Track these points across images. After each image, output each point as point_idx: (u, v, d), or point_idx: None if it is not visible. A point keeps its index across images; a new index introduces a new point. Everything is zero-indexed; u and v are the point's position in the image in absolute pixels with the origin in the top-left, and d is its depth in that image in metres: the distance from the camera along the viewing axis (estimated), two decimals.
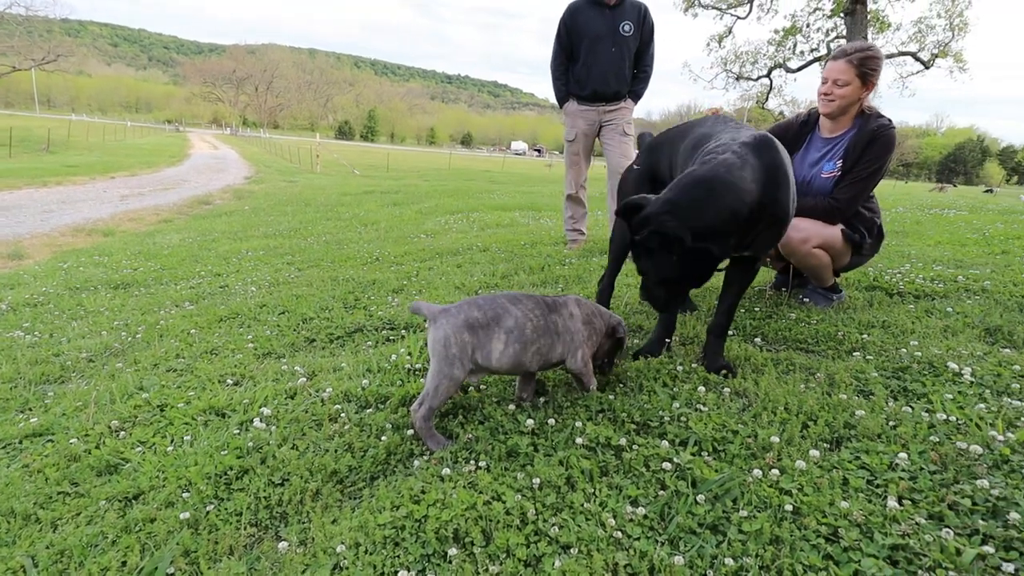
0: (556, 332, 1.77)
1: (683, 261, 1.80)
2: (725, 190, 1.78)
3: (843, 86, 2.59)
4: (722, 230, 1.79)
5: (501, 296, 1.76)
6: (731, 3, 23.08)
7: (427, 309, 1.72)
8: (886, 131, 2.61)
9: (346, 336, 2.77)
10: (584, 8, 4.32)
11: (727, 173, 1.79)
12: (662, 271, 1.86)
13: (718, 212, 1.77)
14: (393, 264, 4.31)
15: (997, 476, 1.39)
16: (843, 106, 2.64)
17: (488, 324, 1.68)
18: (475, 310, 1.69)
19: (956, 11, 20.63)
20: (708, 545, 1.22)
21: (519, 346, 1.70)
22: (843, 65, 2.58)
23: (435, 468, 1.55)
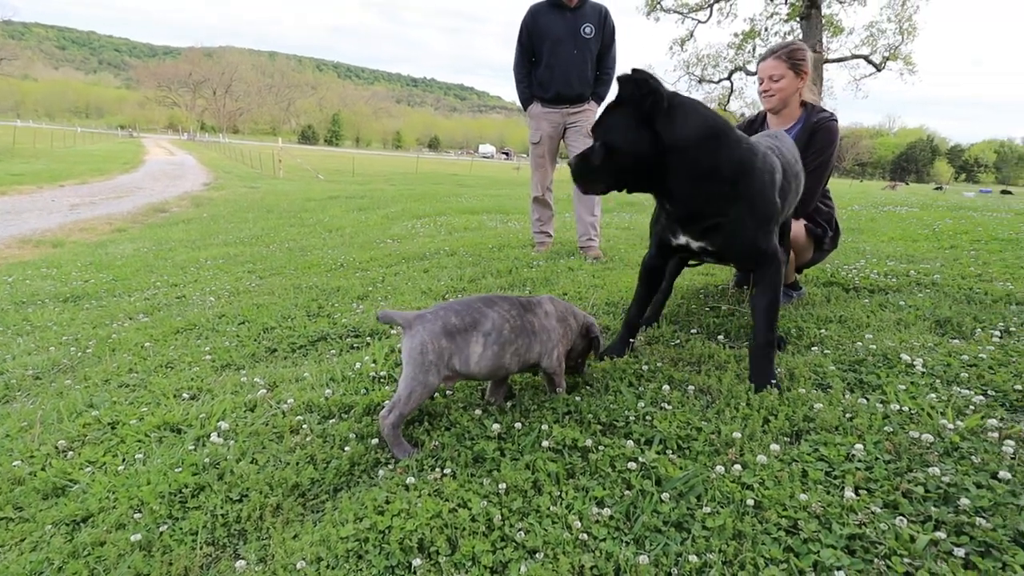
0: (533, 332, 1.77)
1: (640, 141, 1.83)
2: (722, 134, 1.87)
3: (778, 80, 2.72)
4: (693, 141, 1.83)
5: (476, 299, 1.74)
6: (692, 7, 23.61)
7: (400, 316, 1.68)
8: (826, 123, 2.71)
9: (309, 345, 2.71)
10: (545, 11, 4.34)
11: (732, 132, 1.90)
12: (612, 132, 1.87)
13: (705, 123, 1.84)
14: (358, 270, 4.24)
15: (948, 463, 1.44)
16: (783, 98, 2.76)
17: (466, 329, 1.67)
18: (452, 315, 1.67)
19: (905, 16, 21.58)
20: (673, 543, 1.22)
21: (497, 348, 1.69)
22: (774, 61, 2.72)
23: (400, 477, 1.52)
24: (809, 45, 14.38)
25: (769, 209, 1.96)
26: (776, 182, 1.97)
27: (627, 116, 1.83)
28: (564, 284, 3.50)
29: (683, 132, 1.81)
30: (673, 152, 1.83)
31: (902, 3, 21.19)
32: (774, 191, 1.96)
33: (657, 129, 1.81)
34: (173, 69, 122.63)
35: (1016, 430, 1.58)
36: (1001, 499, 1.30)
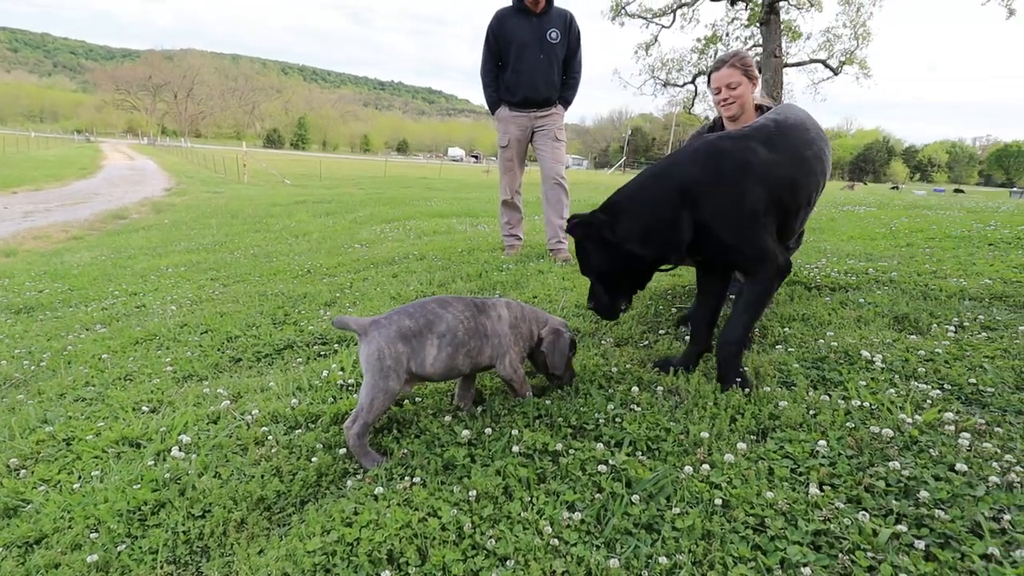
0: (485, 334, 1.77)
1: (611, 259, 1.91)
2: (658, 186, 1.88)
3: (736, 87, 2.79)
4: (652, 229, 1.85)
5: (430, 301, 1.75)
6: (656, 13, 24.00)
7: (355, 323, 1.67)
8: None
9: (275, 354, 2.65)
10: (511, 16, 4.35)
11: (666, 168, 1.92)
12: (595, 266, 1.98)
13: (651, 210, 1.86)
14: (325, 276, 4.17)
15: (908, 457, 1.48)
16: (743, 104, 2.84)
17: (421, 331, 1.68)
18: (407, 319, 1.67)
19: (859, 21, 22.35)
20: (643, 545, 1.23)
21: (451, 349, 1.70)
22: (728, 70, 2.80)
23: (368, 487, 1.49)
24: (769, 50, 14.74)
25: (744, 215, 1.90)
26: (747, 187, 1.90)
27: (594, 248, 1.97)
28: (534, 287, 3.51)
29: (626, 230, 1.90)
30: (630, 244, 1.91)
31: (856, 9, 21.95)
32: (745, 199, 1.89)
33: (611, 240, 1.92)
34: (132, 72, 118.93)
35: (971, 423, 1.64)
36: (959, 491, 1.34)
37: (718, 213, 1.85)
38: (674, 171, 1.91)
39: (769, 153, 1.92)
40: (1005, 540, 1.19)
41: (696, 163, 1.89)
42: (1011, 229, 4.97)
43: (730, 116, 2.89)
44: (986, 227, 5.21)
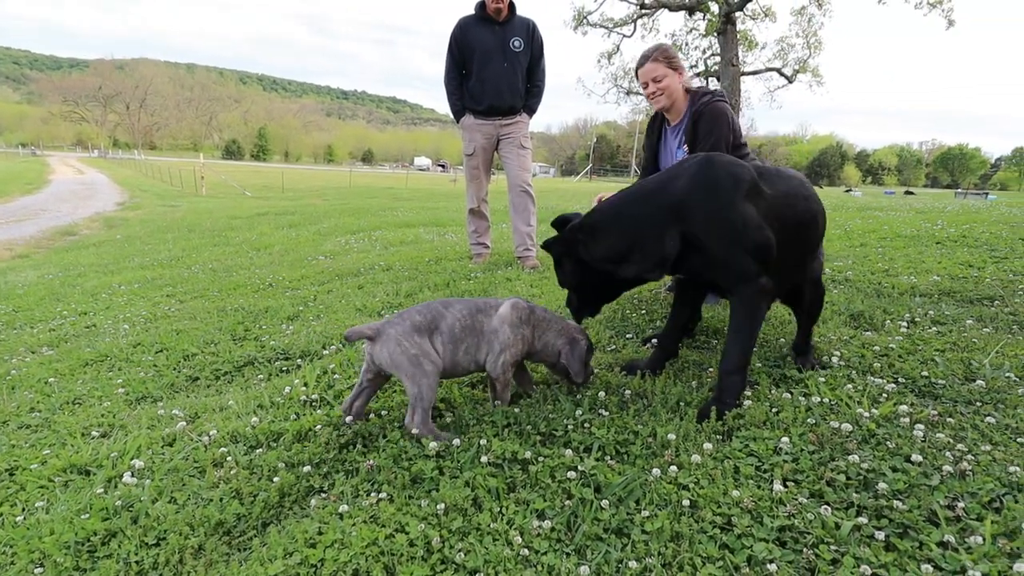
0: (481, 332, 1.83)
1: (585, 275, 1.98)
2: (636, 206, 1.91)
3: (661, 79, 2.85)
4: (633, 250, 1.87)
5: (436, 302, 1.85)
6: (617, 22, 24.47)
7: (368, 329, 1.76)
8: (709, 104, 2.81)
9: (234, 371, 2.56)
10: (474, 24, 4.36)
11: (645, 187, 1.94)
12: (570, 278, 2.06)
13: (634, 231, 1.88)
14: (288, 289, 4.07)
15: (866, 450, 1.52)
16: (671, 95, 2.89)
17: (429, 327, 1.78)
18: (417, 315, 1.78)
19: (811, 31, 23.27)
20: (613, 550, 1.22)
21: (452, 346, 1.78)
22: (652, 64, 2.85)
23: (333, 505, 1.45)
24: (726, 59, 15.18)
25: (734, 227, 1.81)
26: (738, 200, 1.82)
27: (570, 264, 2.02)
28: (502, 295, 3.49)
29: (603, 251, 1.93)
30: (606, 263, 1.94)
31: (807, 20, 22.85)
32: (736, 210, 1.81)
33: (584, 257, 1.97)
34: (80, 82, 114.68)
35: (925, 414, 1.70)
36: (915, 481, 1.38)
37: (709, 224, 1.80)
38: (667, 187, 1.87)
39: (761, 180, 1.89)
40: (960, 527, 1.23)
41: (690, 176, 1.85)
42: (956, 228, 5.20)
43: (661, 108, 2.97)
44: (934, 226, 5.45)
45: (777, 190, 1.92)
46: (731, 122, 2.83)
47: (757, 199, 1.84)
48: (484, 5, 4.28)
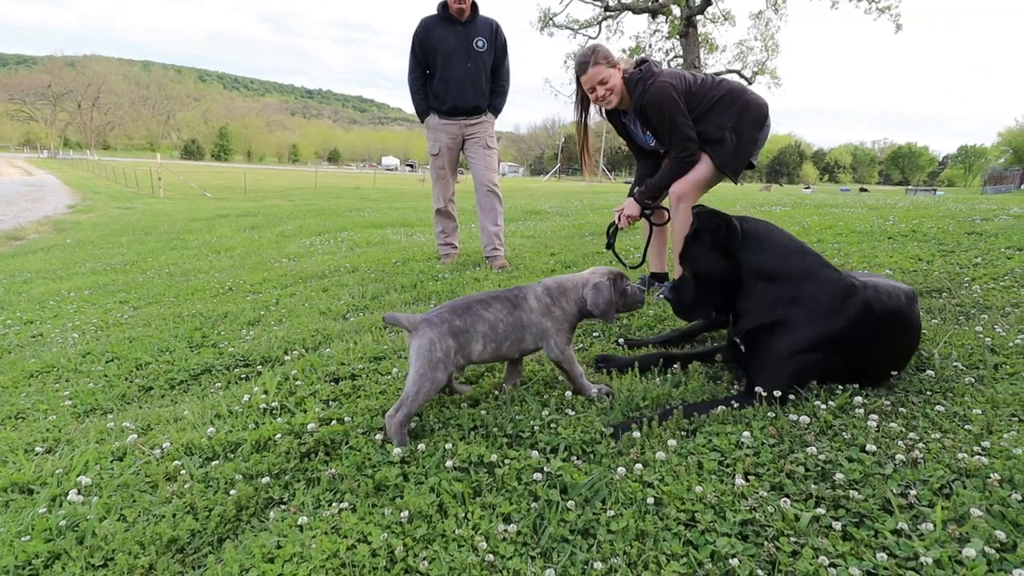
0: (523, 326, 1.88)
1: (719, 266, 1.94)
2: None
3: (607, 81, 2.90)
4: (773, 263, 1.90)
5: (474, 303, 1.85)
6: (582, 24, 24.67)
7: (405, 319, 1.79)
8: (647, 94, 2.86)
9: (191, 379, 2.48)
10: (436, 24, 4.32)
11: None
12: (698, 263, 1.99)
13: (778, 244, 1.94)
14: (249, 293, 3.96)
15: (823, 441, 1.56)
16: (618, 92, 2.96)
17: (468, 330, 1.80)
18: (456, 319, 1.79)
19: (769, 35, 23.93)
20: (580, 551, 1.22)
21: (495, 345, 1.84)
22: (595, 69, 2.90)
23: (293, 517, 1.41)
24: (689, 61, 15.46)
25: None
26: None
27: (705, 248, 1.97)
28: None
29: (767, 256, 1.92)
30: (749, 273, 1.92)
31: (765, 24, 23.48)
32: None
33: (737, 256, 1.92)
34: (28, 80, 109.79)
35: (878, 404, 1.75)
36: (870, 470, 1.42)
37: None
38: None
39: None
40: (912, 514, 1.26)
41: (838, 309, 1.85)
42: (907, 223, 5.40)
43: (611, 108, 3.02)
44: (886, 222, 5.65)
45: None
46: (679, 93, 2.86)
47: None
48: (446, 5, 4.25)
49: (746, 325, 1.93)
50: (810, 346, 1.81)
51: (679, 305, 2.07)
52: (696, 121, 2.92)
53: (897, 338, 1.93)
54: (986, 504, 1.26)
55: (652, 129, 3.00)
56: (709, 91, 2.94)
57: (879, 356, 1.91)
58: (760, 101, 3.02)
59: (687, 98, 2.89)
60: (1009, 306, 2.72)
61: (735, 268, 1.92)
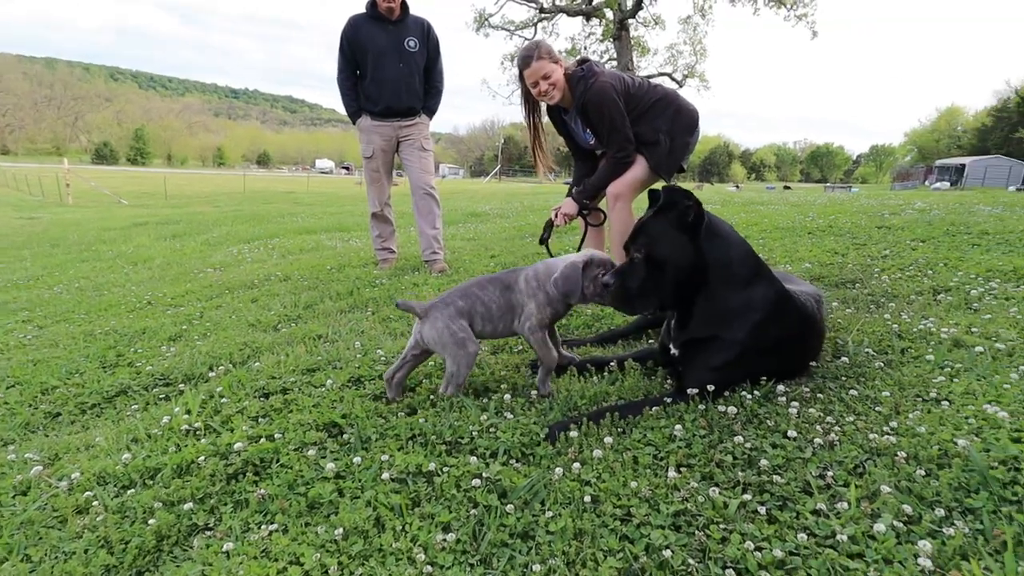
0: (513, 307, 2.02)
1: (684, 252, 1.81)
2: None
3: (551, 75, 2.94)
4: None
5: (473, 286, 2.04)
6: (518, 25, 24.88)
7: (417, 306, 2.00)
8: (588, 92, 2.93)
9: (104, 402, 2.30)
10: (365, 23, 4.22)
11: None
12: (659, 245, 1.82)
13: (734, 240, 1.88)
14: (170, 307, 3.74)
15: (750, 430, 1.63)
16: (560, 88, 2.99)
17: (469, 310, 1.99)
18: (460, 300, 1.99)
19: (697, 39, 24.97)
20: (519, 554, 1.22)
21: (491, 325, 2.02)
22: (538, 63, 2.93)
23: (219, 543, 1.33)
24: (622, 63, 15.89)
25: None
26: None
27: (671, 225, 1.81)
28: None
29: (725, 253, 1.84)
30: (713, 270, 1.83)
31: (693, 28, 24.50)
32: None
33: (700, 245, 1.80)
34: None
35: (798, 391, 1.85)
36: (791, 455, 1.49)
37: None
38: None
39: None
40: (830, 495, 1.34)
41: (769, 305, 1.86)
42: (824, 219, 5.76)
43: (555, 103, 3.06)
44: (806, 218, 6.00)
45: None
46: (619, 94, 2.93)
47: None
48: (375, 3, 4.17)
49: (690, 334, 1.88)
50: (748, 357, 1.85)
51: (623, 294, 1.86)
52: (633, 123, 3.00)
53: (813, 337, 2.04)
54: (894, 480, 1.35)
55: (592, 127, 3.06)
56: (646, 94, 3.05)
57: (803, 355, 2.01)
58: (691, 107, 3.15)
59: (626, 99, 2.97)
60: (914, 294, 2.95)
61: (698, 259, 1.80)
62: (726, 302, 1.83)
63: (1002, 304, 2.65)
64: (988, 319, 2.43)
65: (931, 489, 1.30)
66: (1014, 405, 1.64)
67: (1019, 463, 1.34)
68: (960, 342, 2.20)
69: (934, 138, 73.47)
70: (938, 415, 1.63)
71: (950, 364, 1.99)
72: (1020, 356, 2.02)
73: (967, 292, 2.88)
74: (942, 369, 1.97)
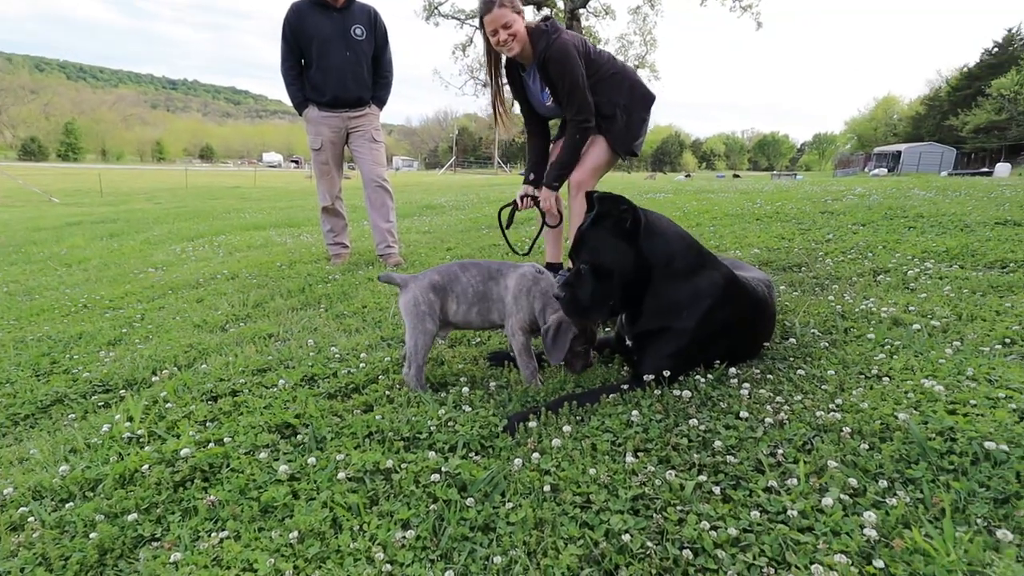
0: (491, 298, 1.99)
1: (626, 257, 1.82)
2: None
3: (511, 25, 2.85)
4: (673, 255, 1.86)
5: (455, 265, 2.03)
6: (468, 14, 24.61)
7: (399, 278, 2.02)
8: (551, 47, 2.86)
9: (39, 412, 2.16)
10: (309, 10, 4.08)
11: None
12: (601, 253, 1.82)
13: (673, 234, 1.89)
14: (108, 310, 3.54)
15: (704, 412, 1.67)
16: (520, 40, 2.90)
17: (445, 287, 1.97)
18: (436, 275, 1.99)
19: (647, 30, 25.32)
20: (480, 547, 1.21)
21: (465, 306, 1.98)
22: (500, 11, 2.82)
23: (166, 554, 1.27)
24: None
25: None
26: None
27: (610, 233, 1.83)
28: (363, 296, 3.34)
29: (665, 249, 1.85)
30: (656, 268, 1.85)
31: (643, 19, 24.84)
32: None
33: (641, 247, 1.82)
34: None
35: (749, 373, 1.91)
36: (744, 435, 1.54)
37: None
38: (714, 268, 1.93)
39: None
40: (781, 472, 1.39)
41: (718, 288, 1.90)
42: (772, 206, 5.96)
43: (513, 54, 2.94)
44: (754, 205, 6.19)
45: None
46: (580, 55, 2.88)
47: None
48: None
49: (642, 327, 1.91)
50: (699, 343, 1.88)
51: (573, 304, 1.84)
52: (591, 91, 2.94)
53: (764, 320, 2.10)
54: (840, 455, 1.41)
55: (552, 86, 2.96)
56: (606, 63, 3.01)
57: (755, 338, 2.07)
58: (646, 87, 3.15)
59: (586, 63, 2.92)
60: (855, 276, 3.09)
61: (640, 261, 1.83)
62: (674, 294, 1.86)
63: (936, 283, 2.81)
64: (924, 298, 2.57)
65: (874, 462, 1.37)
66: (949, 379, 1.73)
67: (955, 434, 1.42)
68: (899, 320, 2.32)
69: (872, 126, 77.09)
70: (880, 391, 1.71)
71: (890, 342, 2.09)
72: (954, 332, 2.15)
73: (904, 273, 3.04)
74: (882, 347, 2.07)
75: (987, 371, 1.76)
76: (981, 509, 1.19)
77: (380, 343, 2.50)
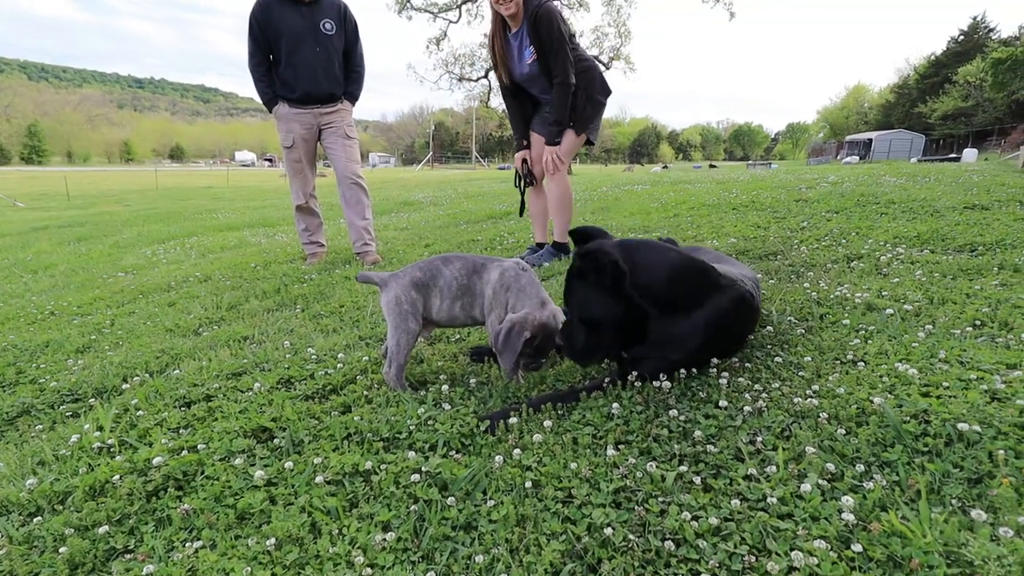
0: (474, 293, 1.96)
1: (614, 304, 1.70)
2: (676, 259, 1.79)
3: None
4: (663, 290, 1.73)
5: (437, 259, 2.00)
6: (441, 7, 24.36)
7: (377, 277, 2.00)
8: (538, 10, 3.21)
9: (5, 424, 2.09)
10: (277, 5, 3.99)
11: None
12: (588, 308, 1.73)
13: (666, 269, 1.74)
14: (76, 316, 3.43)
15: (684, 403, 1.67)
16: (518, 2, 3.23)
17: (428, 283, 1.94)
18: (418, 272, 1.95)
19: (621, 21, 25.33)
20: (462, 547, 1.19)
21: (449, 301, 1.95)
22: None
23: (140, 566, 1.23)
24: None
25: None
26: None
27: (594, 287, 1.72)
28: (340, 295, 3.30)
29: (659, 291, 1.73)
30: (651, 309, 1.74)
31: (617, 11, 24.84)
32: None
33: (630, 295, 1.70)
34: None
35: (727, 362, 1.92)
36: (723, 424, 1.54)
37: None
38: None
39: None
40: (760, 459, 1.39)
41: (725, 303, 1.82)
42: (747, 195, 6.02)
43: (511, 15, 3.24)
44: (730, 195, 6.25)
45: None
46: (562, 19, 3.24)
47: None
48: None
49: (640, 354, 1.81)
50: (696, 361, 1.84)
51: (573, 352, 1.81)
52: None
53: (754, 322, 2.07)
54: (818, 441, 1.42)
55: (539, 44, 3.25)
56: (581, 53, 3.43)
57: (744, 338, 2.05)
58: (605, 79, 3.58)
59: (568, 38, 3.30)
60: (830, 262, 3.13)
61: (632, 306, 1.72)
62: (673, 330, 1.77)
63: (908, 268, 2.86)
64: (896, 283, 2.62)
65: (851, 446, 1.38)
66: (922, 362, 1.76)
67: (928, 416, 1.44)
68: (872, 306, 2.35)
69: (844, 115, 78.51)
70: (855, 376, 1.74)
71: (864, 327, 2.12)
72: (926, 316, 2.19)
73: (877, 258, 3.09)
74: (857, 332, 2.10)
75: (959, 353, 1.79)
76: (955, 489, 1.21)
77: (358, 343, 2.47)
